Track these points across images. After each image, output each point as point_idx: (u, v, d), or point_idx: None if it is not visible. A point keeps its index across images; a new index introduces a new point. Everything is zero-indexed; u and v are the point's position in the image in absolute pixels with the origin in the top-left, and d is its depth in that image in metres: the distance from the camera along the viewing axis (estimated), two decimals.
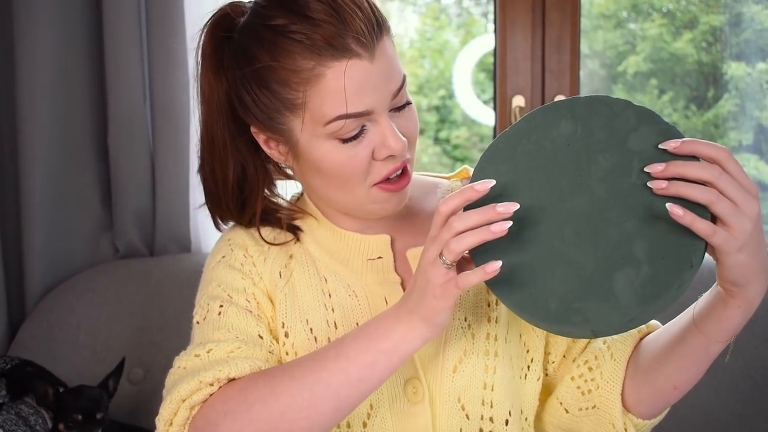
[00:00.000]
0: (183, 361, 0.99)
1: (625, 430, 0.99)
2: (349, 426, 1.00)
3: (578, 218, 0.85)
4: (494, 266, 0.82)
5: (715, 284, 0.88)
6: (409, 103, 0.98)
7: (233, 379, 0.95)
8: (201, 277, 1.09)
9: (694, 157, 0.82)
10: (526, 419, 1.06)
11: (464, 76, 3.14)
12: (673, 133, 0.84)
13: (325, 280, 1.05)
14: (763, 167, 2.23)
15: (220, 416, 0.92)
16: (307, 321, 1.03)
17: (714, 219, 0.80)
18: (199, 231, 1.87)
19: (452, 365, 1.00)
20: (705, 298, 0.91)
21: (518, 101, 1.93)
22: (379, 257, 1.05)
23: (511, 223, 0.83)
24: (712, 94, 2.38)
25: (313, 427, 0.92)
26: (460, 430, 1.00)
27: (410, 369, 1.00)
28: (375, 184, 0.97)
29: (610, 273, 0.83)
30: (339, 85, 0.90)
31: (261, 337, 1.02)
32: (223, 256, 1.07)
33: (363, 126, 0.93)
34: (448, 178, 1.14)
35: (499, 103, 1.98)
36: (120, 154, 1.79)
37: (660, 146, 0.83)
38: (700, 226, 0.79)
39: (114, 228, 1.84)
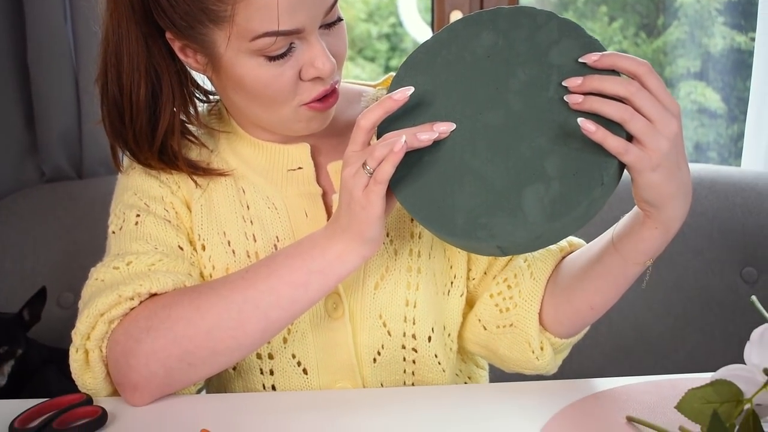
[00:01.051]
0: (101, 273, 0.95)
1: (542, 348, 0.98)
2: (269, 342, 0.98)
3: (492, 132, 0.83)
4: (400, 142, 0.79)
5: (636, 206, 0.87)
6: (340, 19, 0.93)
7: (155, 294, 0.92)
8: (116, 183, 1.05)
9: (617, 73, 0.80)
10: (449, 335, 1.05)
11: (409, 1, 3.07)
12: (595, 46, 0.81)
13: (243, 191, 1.01)
14: (710, 94, 2.24)
15: (143, 332, 0.89)
16: (224, 233, 1.00)
17: (631, 137, 0.78)
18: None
19: (374, 282, 0.99)
20: (625, 218, 0.89)
21: (456, 17, 1.88)
22: (299, 168, 1.01)
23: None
24: (661, 21, 2.36)
25: (240, 347, 0.90)
26: (382, 346, 0.99)
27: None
28: (303, 104, 0.93)
29: (519, 188, 0.81)
30: (271, 0, 0.85)
31: (181, 249, 0.99)
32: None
33: (291, 44, 0.88)
34: (374, 86, 1.10)
35: (437, 18, 1.93)
36: (41, 74, 1.71)
37: (580, 60, 0.81)
38: (611, 143, 0.77)
39: (39, 151, 1.78)
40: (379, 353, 1.00)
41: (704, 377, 0.94)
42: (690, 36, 2.21)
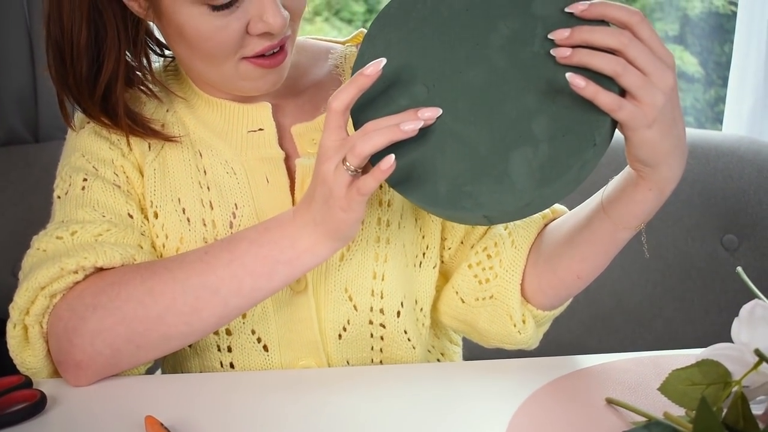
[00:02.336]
0: (43, 243, 0.88)
1: (523, 321, 0.93)
2: None
3: (474, 92, 0.77)
4: (388, 162, 0.73)
5: (627, 166, 0.81)
6: None
7: (101, 269, 0.86)
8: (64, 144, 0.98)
9: (606, 24, 0.73)
10: (421, 310, 0.99)
11: None
12: None
13: (200, 155, 0.94)
14: (687, 58, 2.22)
15: (89, 310, 0.83)
16: (179, 200, 0.93)
17: (624, 92, 0.72)
18: None
19: (339, 253, 0.93)
20: (616, 180, 0.83)
21: None
22: (260, 129, 0.94)
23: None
24: None
25: (194, 332, 0.85)
26: (348, 322, 0.94)
27: None
28: (245, 58, 0.86)
29: (505, 153, 0.75)
30: None
31: (131, 216, 0.92)
32: (89, 121, 0.95)
33: None
34: (342, 43, 1.03)
35: None
36: None
37: (566, 10, 0.74)
38: (603, 99, 0.71)
39: None
40: (344, 329, 0.94)
41: (687, 354, 0.90)
42: None
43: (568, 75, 0.72)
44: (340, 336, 0.94)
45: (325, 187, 0.78)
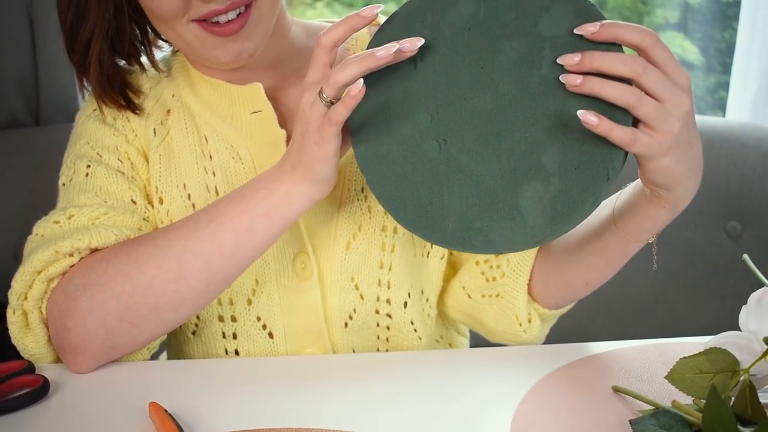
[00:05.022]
0: (41, 228, 0.88)
1: (529, 321, 0.93)
2: (231, 303, 0.92)
3: (480, 121, 0.74)
4: (357, 87, 0.70)
5: (638, 179, 0.79)
6: None
7: (97, 250, 0.85)
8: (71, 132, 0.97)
9: (616, 45, 0.70)
10: (427, 300, 0.99)
11: None
12: (591, 13, 0.71)
13: (206, 139, 0.93)
14: (688, 46, 2.21)
15: (79, 289, 0.82)
16: (184, 186, 0.93)
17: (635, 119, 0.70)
18: (87, 97, 1.71)
19: (345, 241, 0.92)
20: (627, 192, 0.81)
21: None
22: (259, 110, 0.93)
23: (397, 47, 0.71)
24: None
25: (184, 302, 0.83)
26: (354, 310, 0.93)
27: (298, 242, 0.91)
28: (195, 21, 0.84)
29: (515, 187, 0.73)
30: None
31: (134, 203, 0.91)
32: (94, 109, 0.95)
33: None
34: None
35: None
36: None
37: (575, 31, 0.71)
38: (617, 135, 0.68)
39: None
40: (350, 317, 0.94)
41: (694, 341, 0.89)
42: None
43: (580, 113, 0.68)
44: (345, 324, 0.94)
45: (302, 123, 0.76)
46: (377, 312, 0.94)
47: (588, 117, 0.68)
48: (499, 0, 0.74)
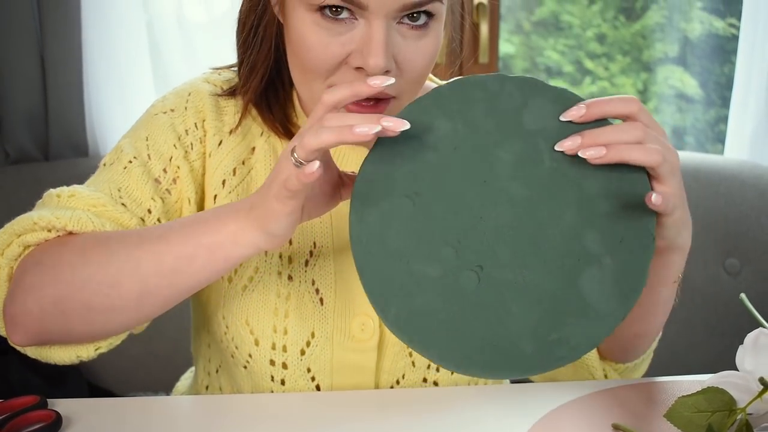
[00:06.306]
0: (48, 196, 0.89)
1: (605, 376, 0.95)
2: (285, 350, 0.92)
3: (507, 233, 0.72)
4: (312, 167, 0.69)
5: None
6: (428, 24, 0.82)
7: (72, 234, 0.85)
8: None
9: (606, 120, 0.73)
10: None
11: None
12: (567, 97, 0.73)
13: None
14: (687, 80, 2.23)
15: (33, 265, 0.83)
16: None
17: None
18: (96, 133, 1.75)
19: None
20: None
21: None
22: (353, 172, 0.87)
23: (379, 128, 0.68)
24: (640, 5, 2.35)
25: (114, 309, 0.81)
26: (403, 376, 0.94)
27: (363, 305, 0.92)
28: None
29: (573, 281, 0.71)
30: None
31: (150, 212, 0.90)
32: (173, 110, 0.94)
33: (351, 14, 0.80)
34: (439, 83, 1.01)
35: None
36: (5, 52, 1.64)
37: (562, 119, 0.72)
38: (656, 199, 0.70)
39: (3, 131, 1.71)
40: (398, 381, 0.94)
41: (693, 380, 0.91)
42: (669, 20, 2.21)
43: (651, 198, 0.69)
44: (392, 387, 0.94)
45: (275, 170, 0.75)
46: (425, 380, 0.95)
47: (653, 198, 0.70)
48: (473, 112, 0.73)
